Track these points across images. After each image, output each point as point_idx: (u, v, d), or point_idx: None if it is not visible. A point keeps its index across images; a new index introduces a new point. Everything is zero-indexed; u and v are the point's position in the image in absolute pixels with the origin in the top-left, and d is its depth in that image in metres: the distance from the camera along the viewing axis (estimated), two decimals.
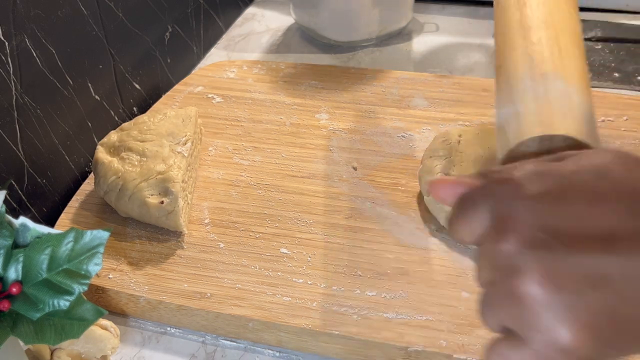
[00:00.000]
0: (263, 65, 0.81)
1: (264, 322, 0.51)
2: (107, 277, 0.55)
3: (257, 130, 0.71)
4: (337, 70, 0.80)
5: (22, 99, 0.57)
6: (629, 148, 0.65)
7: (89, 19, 0.65)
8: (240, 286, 0.54)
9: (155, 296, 0.53)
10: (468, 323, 0.50)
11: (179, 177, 0.58)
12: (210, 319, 0.53)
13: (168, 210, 0.57)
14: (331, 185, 0.63)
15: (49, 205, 0.62)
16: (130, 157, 0.60)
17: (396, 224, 0.59)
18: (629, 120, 0.68)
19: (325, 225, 0.59)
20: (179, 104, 0.75)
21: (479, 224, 0.30)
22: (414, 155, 0.66)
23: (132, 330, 0.54)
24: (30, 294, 0.40)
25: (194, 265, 0.56)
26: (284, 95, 0.76)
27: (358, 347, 0.50)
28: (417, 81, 0.77)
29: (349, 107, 0.73)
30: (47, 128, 0.61)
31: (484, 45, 0.88)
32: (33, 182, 0.60)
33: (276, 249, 0.57)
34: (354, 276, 0.54)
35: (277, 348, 0.52)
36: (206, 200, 0.62)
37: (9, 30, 0.54)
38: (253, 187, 0.64)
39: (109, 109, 0.71)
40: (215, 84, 0.78)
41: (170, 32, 0.80)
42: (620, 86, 0.77)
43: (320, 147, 0.68)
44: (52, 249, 0.40)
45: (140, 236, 0.59)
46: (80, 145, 0.67)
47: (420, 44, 0.89)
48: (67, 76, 0.63)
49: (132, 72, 0.74)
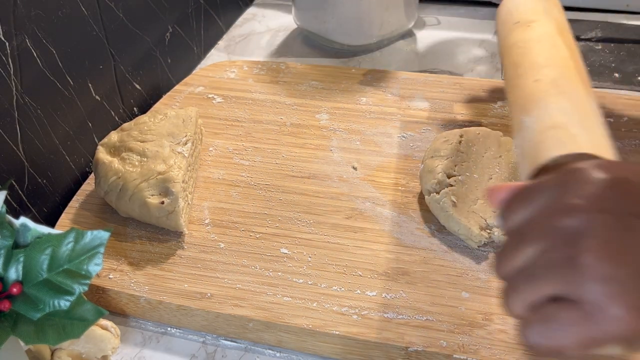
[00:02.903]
0: (263, 65, 0.81)
1: (264, 322, 0.51)
2: (107, 277, 0.55)
3: (258, 130, 0.71)
4: (338, 70, 0.80)
5: (23, 99, 0.57)
6: (629, 148, 0.65)
7: (90, 19, 0.65)
8: (241, 286, 0.54)
9: (156, 296, 0.53)
10: (468, 323, 0.50)
11: (179, 177, 0.58)
12: (210, 319, 0.53)
13: (168, 211, 0.57)
14: (331, 185, 0.63)
15: (49, 206, 0.63)
16: (130, 157, 0.60)
17: (396, 224, 0.59)
18: (629, 120, 0.68)
19: (325, 225, 0.59)
20: (180, 104, 0.75)
21: (541, 201, 0.32)
22: (414, 155, 0.66)
23: (132, 330, 0.54)
24: (31, 294, 0.40)
25: (194, 265, 0.56)
26: (284, 96, 0.76)
27: (358, 347, 0.50)
28: (418, 81, 0.77)
29: (349, 107, 0.73)
30: (47, 128, 0.61)
31: (484, 44, 0.88)
32: (33, 182, 0.60)
33: (276, 249, 0.57)
34: (354, 276, 0.54)
35: (278, 348, 0.52)
36: (206, 200, 0.62)
37: (9, 31, 0.55)
38: (253, 187, 0.64)
39: (109, 109, 0.71)
40: (216, 84, 0.78)
41: (171, 32, 0.80)
42: (620, 86, 0.77)
43: (320, 147, 0.68)
44: (52, 249, 0.40)
45: (140, 236, 0.59)
46: (81, 145, 0.67)
47: (421, 44, 0.89)
48: (67, 76, 0.63)
49: (132, 73, 0.74)
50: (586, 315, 0.29)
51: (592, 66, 0.80)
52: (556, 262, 0.30)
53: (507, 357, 0.48)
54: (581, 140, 0.42)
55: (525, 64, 0.53)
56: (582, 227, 0.30)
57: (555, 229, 0.31)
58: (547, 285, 0.31)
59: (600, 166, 0.32)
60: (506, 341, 0.48)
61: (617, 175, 0.32)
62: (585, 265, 0.29)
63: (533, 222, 0.33)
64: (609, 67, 0.80)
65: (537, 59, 0.52)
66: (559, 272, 0.30)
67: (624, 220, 0.30)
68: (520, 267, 0.32)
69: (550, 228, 0.31)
